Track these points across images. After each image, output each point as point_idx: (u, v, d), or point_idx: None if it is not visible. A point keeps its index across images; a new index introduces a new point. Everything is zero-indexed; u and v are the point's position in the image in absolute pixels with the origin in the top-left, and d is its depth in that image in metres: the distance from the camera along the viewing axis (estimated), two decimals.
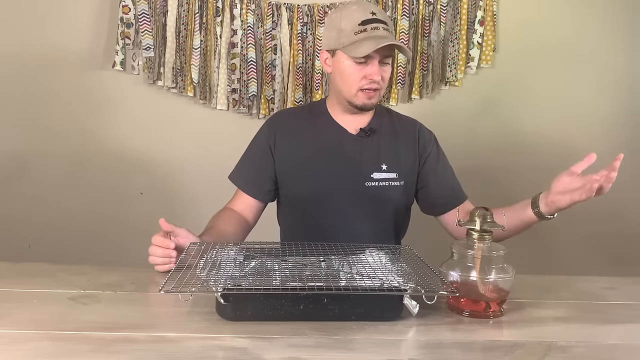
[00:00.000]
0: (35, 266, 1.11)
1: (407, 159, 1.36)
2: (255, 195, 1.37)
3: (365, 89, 1.27)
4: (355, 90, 1.28)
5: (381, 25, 1.24)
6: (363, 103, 1.29)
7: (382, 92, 1.31)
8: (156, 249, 1.07)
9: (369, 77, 1.25)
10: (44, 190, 2.00)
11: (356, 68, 1.26)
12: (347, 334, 0.80)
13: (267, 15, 1.96)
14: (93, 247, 1.97)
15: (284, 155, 1.36)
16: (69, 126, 1.99)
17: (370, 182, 1.32)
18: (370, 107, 1.32)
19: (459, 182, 1.41)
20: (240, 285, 0.83)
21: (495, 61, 2.05)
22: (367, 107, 1.31)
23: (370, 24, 1.23)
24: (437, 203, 1.37)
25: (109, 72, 1.96)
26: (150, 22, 1.92)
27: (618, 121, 2.10)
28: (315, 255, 1.01)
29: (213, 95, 1.99)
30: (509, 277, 0.91)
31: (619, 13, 2.05)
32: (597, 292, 1.07)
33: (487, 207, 0.95)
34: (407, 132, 1.39)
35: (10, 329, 0.79)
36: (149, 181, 2.04)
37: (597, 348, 0.80)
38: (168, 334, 0.78)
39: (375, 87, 1.27)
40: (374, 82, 1.26)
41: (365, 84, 1.26)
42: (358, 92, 1.28)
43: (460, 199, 1.38)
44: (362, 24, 1.23)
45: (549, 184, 1.16)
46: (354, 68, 1.26)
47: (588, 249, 2.11)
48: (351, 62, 1.26)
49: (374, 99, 1.29)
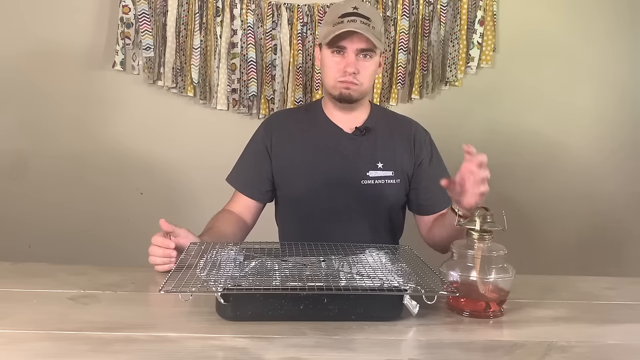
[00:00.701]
0: (35, 266, 1.11)
1: (402, 158, 1.37)
2: (253, 196, 1.37)
3: (342, 81, 1.29)
4: (333, 81, 1.31)
5: (360, 18, 1.26)
6: (340, 93, 1.31)
7: (362, 88, 1.31)
8: (156, 249, 1.07)
9: (344, 68, 1.28)
10: (44, 190, 2.00)
11: (334, 60, 1.30)
12: (347, 334, 0.80)
13: (267, 15, 1.96)
14: (93, 247, 1.97)
15: (281, 156, 1.37)
16: (69, 126, 1.99)
17: (366, 180, 1.33)
18: (349, 99, 1.32)
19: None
20: (240, 285, 0.83)
21: (495, 61, 2.04)
22: (345, 99, 1.31)
23: (349, 16, 1.27)
24: (423, 205, 1.38)
25: (109, 72, 1.96)
26: (150, 22, 1.92)
27: (617, 121, 2.10)
28: (315, 255, 1.01)
29: (213, 95, 1.99)
30: (509, 277, 0.91)
31: (619, 13, 2.05)
32: (597, 292, 1.07)
33: (487, 207, 0.95)
34: (403, 132, 1.40)
35: (11, 329, 0.79)
36: (148, 181, 2.03)
37: (597, 348, 0.80)
38: (168, 334, 0.78)
39: (352, 80, 1.29)
40: (347, 73, 1.28)
41: (340, 75, 1.29)
42: (336, 83, 1.30)
43: (444, 205, 1.35)
44: (342, 16, 1.27)
45: (457, 172, 1.03)
46: (332, 59, 1.30)
47: (588, 249, 2.12)
48: (329, 53, 1.30)
49: (351, 91, 1.30)
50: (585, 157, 2.10)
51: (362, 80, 1.30)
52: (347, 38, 1.26)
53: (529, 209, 2.09)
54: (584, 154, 2.10)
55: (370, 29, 1.26)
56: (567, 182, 2.09)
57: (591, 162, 2.10)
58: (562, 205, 2.09)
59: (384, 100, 2.02)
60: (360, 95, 1.32)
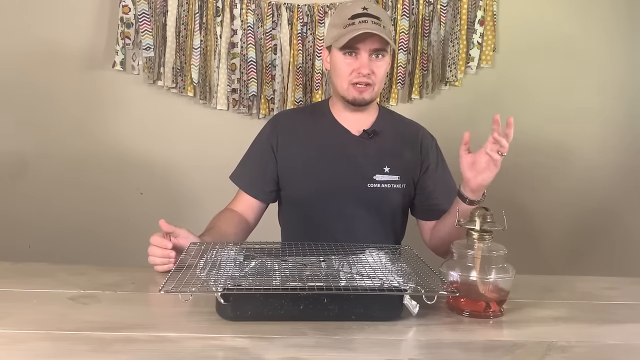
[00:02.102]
0: (35, 266, 1.11)
1: (409, 163, 1.36)
2: (256, 195, 1.37)
3: (355, 82, 1.27)
4: (347, 84, 1.29)
5: (370, 19, 1.25)
6: (353, 97, 1.29)
7: (375, 88, 1.30)
8: (155, 249, 1.07)
9: (358, 70, 1.26)
10: (44, 190, 2.00)
11: (346, 62, 1.27)
12: (347, 334, 0.80)
13: (267, 15, 1.96)
14: (93, 247, 1.97)
15: (286, 156, 1.36)
16: (69, 126, 1.99)
17: (373, 184, 1.32)
18: (361, 103, 1.31)
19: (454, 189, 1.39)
20: (240, 285, 0.83)
21: (495, 61, 2.04)
22: (358, 102, 1.30)
23: (360, 17, 1.25)
24: (428, 210, 1.38)
25: (109, 72, 1.96)
26: (150, 22, 1.92)
27: (617, 121, 2.10)
28: (315, 255, 1.01)
29: (213, 95, 1.99)
30: (509, 277, 0.91)
31: (619, 12, 2.05)
32: (597, 292, 1.07)
33: (487, 207, 0.95)
34: (410, 137, 1.39)
35: (11, 329, 0.79)
36: (149, 181, 2.03)
37: (597, 348, 0.80)
38: (168, 334, 0.78)
39: (366, 82, 1.27)
40: (362, 75, 1.26)
41: (354, 77, 1.27)
42: (349, 86, 1.29)
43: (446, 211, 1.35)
44: (352, 17, 1.26)
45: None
46: (344, 62, 1.28)
47: (588, 249, 2.12)
48: (341, 55, 1.28)
49: (365, 94, 1.29)
50: (586, 157, 2.10)
51: (375, 80, 1.29)
52: (360, 39, 1.24)
53: (529, 209, 2.09)
54: (584, 153, 2.10)
55: (382, 29, 1.25)
56: (567, 182, 2.09)
57: (591, 161, 2.10)
58: (562, 205, 2.09)
59: (384, 100, 2.02)
60: (372, 97, 1.31)
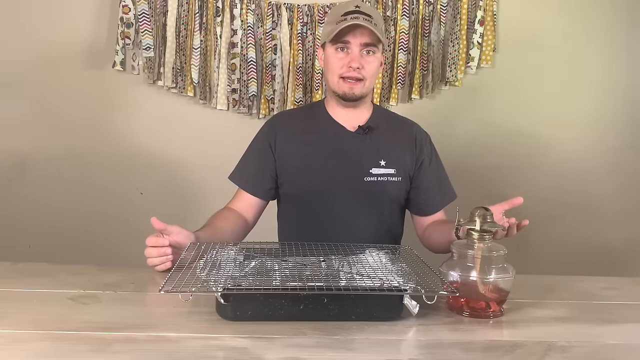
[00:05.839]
0: (35, 266, 1.11)
1: (404, 157, 1.38)
2: (255, 193, 1.38)
3: (346, 76, 1.30)
4: (337, 78, 1.32)
5: (362, 15, 1.28)
6: (344, 92, 1.32)
7: (366, 84, 1.33)
8: (151, 250, 1.07)
9: (348, 64, 1.29)
10: (44, 190, 2.00)
11: (337, 56, 1.31)
12: (347, 334, 0.80)
13: (267, 15, 1.96)
14: (93, 247, 1.97)
15: (285, 154, 1.37)
16: (69, 126, 1.99)
17: (369, 178, 1.34)
18: (352, 98, 1.33)
19: (447, 185, 1.43)
20: (240, 285, 0.83)
21: (495, 61, 2.05)
22: (349, 97, 1.33)
23: (352, 14, 1.29)
24: (421, 204, 1.40)
25: (109, 72, 1.96)
26: (150, 22, 1.92)
27: (617, 121, 2.10)
28: (315, 255, 1.01)
29: (213, 95, 1.99)
30: (509, 277, 0.91)
31: (618, 13, 2.05)
32: (597, 292, 1.07)
33: (487, 207, 0.95)
34: (404, 132, 1.42)
35: (11, 329, 0.79)
36: (149, 181, 2.03)
37: (597, 348, 0.80)
38: (168, 334, 0.78)
39: (356, 76, 1.30)
40: (352, 69, 1.29)
41: (345, 71, 1.30)
42: (339, 80, 1.32)
43: (442, 206, 1.40)
44: (344, 14, 1.29)
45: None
46: (336, 57, 1.31)
47: (588, 249, 2.12)
48: (333, 50, 1.32)
49: (355, 89, 1.32)
50: (586, 157, 2.10)
51: (366, 76, 1.31)
52: (350, 33, 1.28)
53: (529, 209, 2.09)
54: (584, 154, 2.10)
55: (373, 25, 1.28)
56: (567, 182, 2.09)
57: (591, 162, 2.10)
58: (562, 205, 2.09)
59: (384, 100, 2.02)
60: (363, 93, 1.34)
